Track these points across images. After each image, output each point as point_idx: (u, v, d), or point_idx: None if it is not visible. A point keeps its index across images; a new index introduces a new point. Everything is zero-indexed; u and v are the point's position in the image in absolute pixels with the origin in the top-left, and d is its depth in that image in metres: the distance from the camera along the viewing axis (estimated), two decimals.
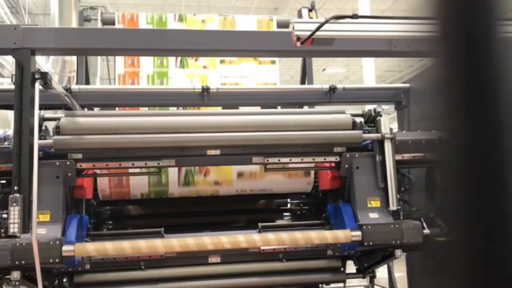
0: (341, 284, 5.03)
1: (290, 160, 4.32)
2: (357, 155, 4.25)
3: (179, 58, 5.05)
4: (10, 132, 3.90)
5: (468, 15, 0.77)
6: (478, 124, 0.75)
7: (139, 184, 4.66)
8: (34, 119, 3.57)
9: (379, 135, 4.22)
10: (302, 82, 5.72)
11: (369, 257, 4.48)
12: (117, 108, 4.99)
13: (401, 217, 4.16)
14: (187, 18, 5.21)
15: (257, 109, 4.96)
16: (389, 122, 4.29)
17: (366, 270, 4.59)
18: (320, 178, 4.83)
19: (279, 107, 5.14)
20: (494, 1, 0.76)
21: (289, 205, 5.39)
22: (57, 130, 3.89)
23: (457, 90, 0.77)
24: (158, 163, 4.08)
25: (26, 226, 3.44)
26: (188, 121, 4.14)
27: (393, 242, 3.98)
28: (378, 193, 4.15)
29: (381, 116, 4.29)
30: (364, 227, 3.94)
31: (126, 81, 5.00)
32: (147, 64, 5.01)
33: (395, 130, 4.62)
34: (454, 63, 0.78)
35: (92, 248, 3.67)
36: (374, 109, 4.43)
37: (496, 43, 0.76)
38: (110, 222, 4.94)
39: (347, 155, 4.25)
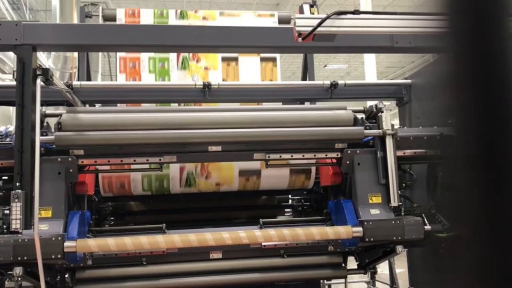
0: (342, 280, 5.04)
1: (292, 156, 4.32)
2: (358, 151, 4.25)
3: (180, 60, 5.04)
4: (12, 128, 3.90)
5: (478, 11, 0.76)
6: (486, 120, 0.75)
7: (140, 185, 4.68)
8: (35, 115, 3.58)
9: (380, 131, 4.21)
10: (304, 78, 5.71)
11: (370, 253, 4.49)
12: (118, 105, 4.99)
13: (402, 213, 4.17)
14: (188, 15, 5.20)
15: (259, 105, 4.96)
16: (390, 118, 4.28)
17: (367, 266, 4.60)
18: (321, 174, 4.83)
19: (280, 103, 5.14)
20: None
21: (290, 201, 5.39)
22: (59, 126, 3.89)
23: (465, 86, 0.77)
24: (160, 159, 4.08)
25: (28, 222, 3.45)
26: (190, 117, 4.14)
27: (394, 238, 3.98)
28: (379, 189, 4.15)
29: (382, 112, 4.28)
30: (365, 223, 3.95)
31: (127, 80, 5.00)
32: (148, 65, 5.01)
33: (397, 126, 4.61)
34: (463, 59, 0.78)
35: (94, 244, 3.68)
36: (376, 105, 4.42)
37: (506, 38, 0.75)
38: (112, 218, 4.95)
39: (349, 151, 4.25)
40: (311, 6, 3.49)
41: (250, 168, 4.78)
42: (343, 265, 4.54)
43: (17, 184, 3.47)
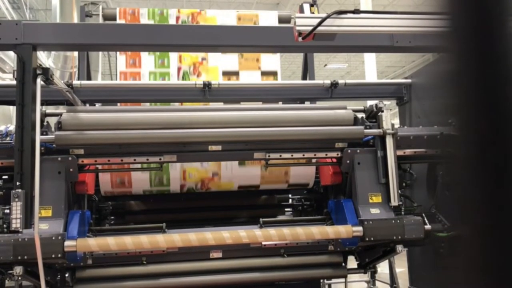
0: (342, 280, 5.04)
1: (292, 155, 4.31)
2: (358, 151, 4.25)
3: (181, 75, 5.05)
4: (12, 127, 3.90)
5: (480, 10, 0.76)
6: (487, 120, 0.75)
7: (141, 181, 4.69)
8: (35, 115, 3.58)
9: (380, 130, 4.21)
10: (304, 77, 5.71)
11: (371, 252, 4.49)
12: (118, 104, 4.99)
13: (403, 213, 4.16)
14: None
15: (259, 104, 4.96)
16: (390, 118, 4.28)
17: (367, 265, 4.60)
18: (321, 173, 4.83)
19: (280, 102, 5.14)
20: None
21: (290, 200, 5.39)
22: (59, 126, 3.89)
23: (467, 85, 0.77)
24: (160, 159, 4.08)
25: (28, 221, 3.45)
26: (190, 116, 4.14)
27: (395, 238, 3.98)
28: (379, 188, 4.15)
29: (382, 111, 4.28)
30: (366, 223, 3.95)
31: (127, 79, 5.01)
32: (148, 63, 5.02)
33: (397, 125, 4.61)
34: (463, 58, 0.78)
35: (94, 243, 3.68)
36: (376, 105, 4.42)
37: (507, 37, 0.75)
38: (112, 217, 4.95)
39: (349, 151, 4.25)
40: (311, 5, 3.49)
41: (249, 184, 4.81)
42: (343, 264, 4.54)
43: (17, 183, 3.47)
